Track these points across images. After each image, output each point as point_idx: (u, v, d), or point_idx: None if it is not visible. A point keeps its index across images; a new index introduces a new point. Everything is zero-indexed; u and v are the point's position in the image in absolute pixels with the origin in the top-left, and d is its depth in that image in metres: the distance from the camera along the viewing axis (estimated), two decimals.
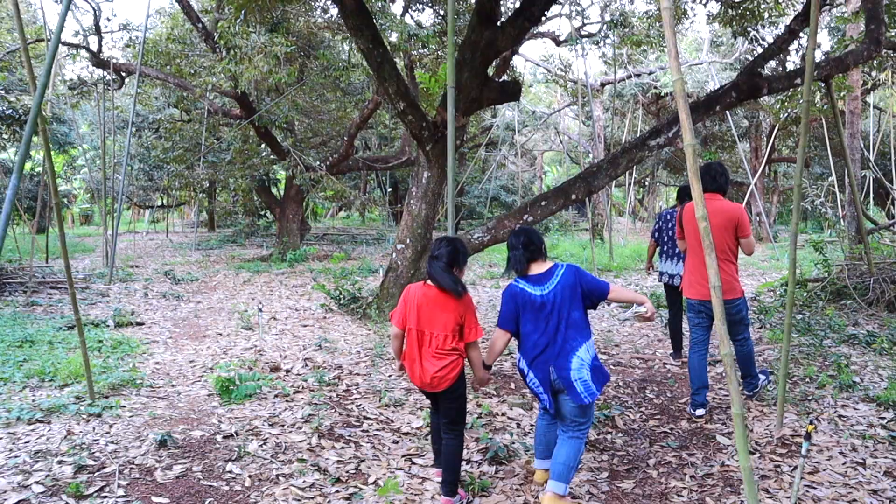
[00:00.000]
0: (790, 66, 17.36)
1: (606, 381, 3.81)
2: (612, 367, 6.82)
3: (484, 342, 6.53)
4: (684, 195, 6.89)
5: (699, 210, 2.96)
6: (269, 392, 5.66)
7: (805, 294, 10.03)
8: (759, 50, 16.45)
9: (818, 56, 19.49)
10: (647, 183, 34.89)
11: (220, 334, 8.40)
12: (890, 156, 18.77)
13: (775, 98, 14.34)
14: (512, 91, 8.65)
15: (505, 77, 12.87)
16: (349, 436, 4.78)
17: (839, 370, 6.12)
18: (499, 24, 8.06)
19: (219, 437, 4.67)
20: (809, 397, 5.58)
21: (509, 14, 9.10)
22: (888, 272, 9.39)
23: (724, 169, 5.35)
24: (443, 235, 4.05)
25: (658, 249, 7.17)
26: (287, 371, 6.43)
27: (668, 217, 7.07)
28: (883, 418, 5.11)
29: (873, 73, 14.67)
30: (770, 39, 16.57)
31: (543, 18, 16.56)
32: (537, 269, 3.83)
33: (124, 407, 5.33)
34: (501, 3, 8.84)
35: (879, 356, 6.77)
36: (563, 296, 3.71)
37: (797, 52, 19.33)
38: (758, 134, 22.80)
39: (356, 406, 5.38)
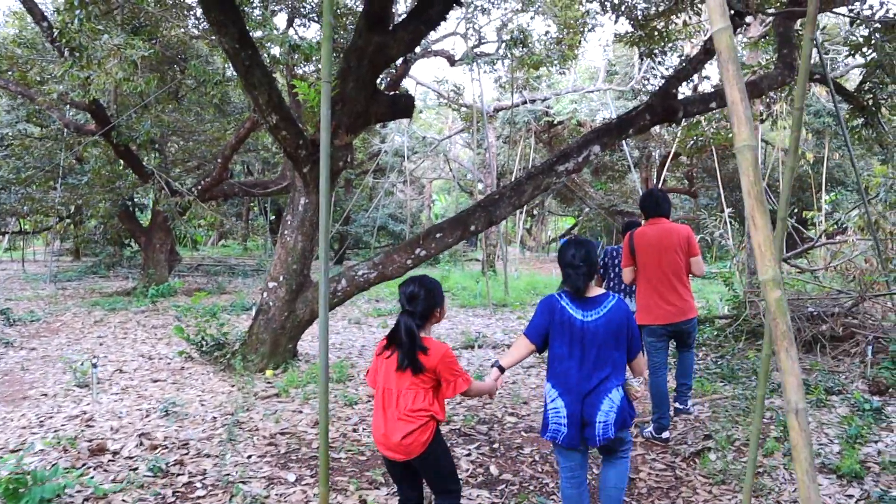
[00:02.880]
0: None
1: (634, 416, 3.56)
2: (522, 433, 5.70)
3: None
4: (629, 230, 6.54)
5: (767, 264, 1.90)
6: (77, 493, 4.18)
7: (714, 332, 9.41)
8: (656, 79, 16.16)
9: (708, 87, 19.60)
10: (535, 212, 34.69)
11: (45, 395, 6.76)
12: (777, 189, 18.99)
13: (678, 127, 13.98)
14: (404, 105, 7.57)
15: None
16: None
17: (785, 432, 5.29)
18: (391, 28, 6.98)
19: None
20: (760, 469, 4.69)
21: (402, 18, 8.03)
22: (801, 309, 8.86)
23: (666, 195, 5.48)
24: (411, 276, 3.25)
25: (604, 286, 6.82)
26: (114, 454, 4.94)
27: (614, 254, 6.79)
28: (850, 496, 4.27)
29: (760, 107, 14.55)
30: (664, 69, 16.35)
31: (438, 34, 15.72)
32: (588, 291, 3.45)
33: None
34: (393, 6, 7.76)
35: (818, 409, 6.03)
36: (609, 330, 3.36)
37: (688, 83, 19.39)
38: (648, 164, 22.80)
39: None
